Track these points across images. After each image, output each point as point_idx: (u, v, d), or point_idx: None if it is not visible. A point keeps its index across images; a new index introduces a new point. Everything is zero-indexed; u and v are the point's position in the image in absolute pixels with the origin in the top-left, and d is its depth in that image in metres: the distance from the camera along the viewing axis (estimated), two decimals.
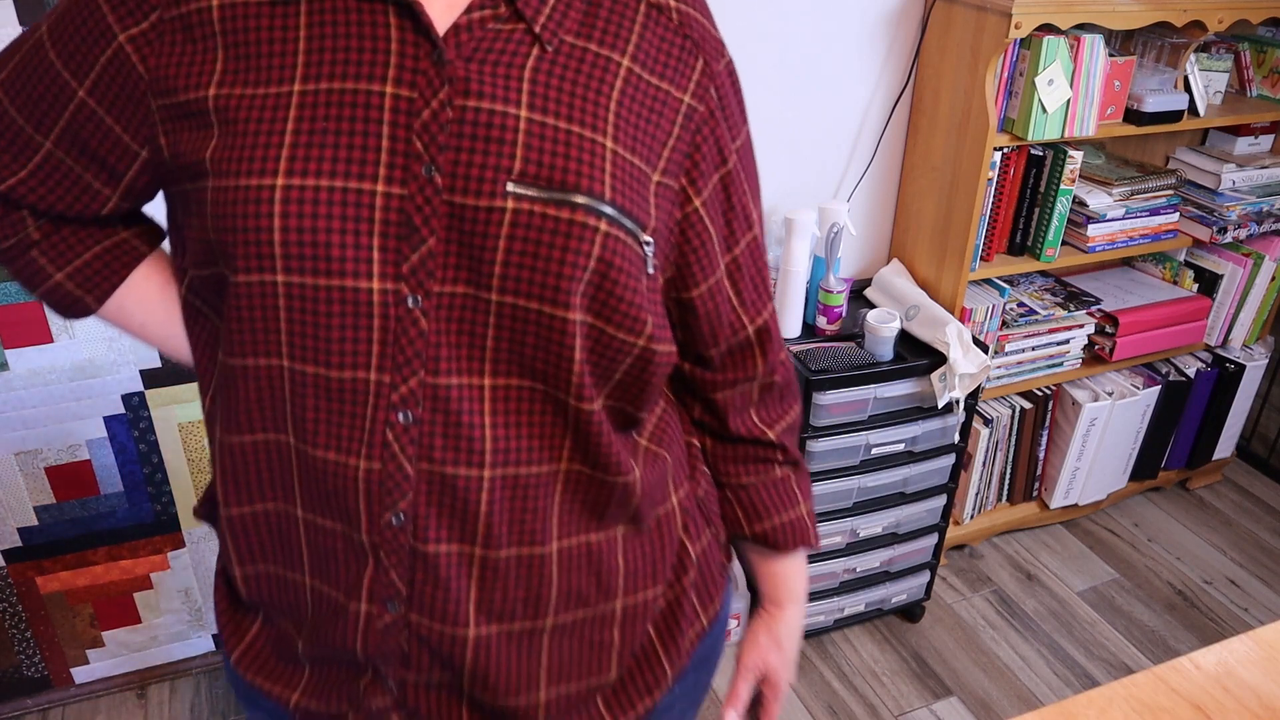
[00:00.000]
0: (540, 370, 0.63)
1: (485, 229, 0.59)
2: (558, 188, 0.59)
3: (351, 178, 0.58)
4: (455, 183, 0.58)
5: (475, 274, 0.60)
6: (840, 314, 1.85)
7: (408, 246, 0.59)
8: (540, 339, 0.61)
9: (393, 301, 0.60)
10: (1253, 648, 0.94)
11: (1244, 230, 2.14)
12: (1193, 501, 2.52)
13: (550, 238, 0.59)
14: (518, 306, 0.60)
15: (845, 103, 1.95)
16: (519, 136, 0.59)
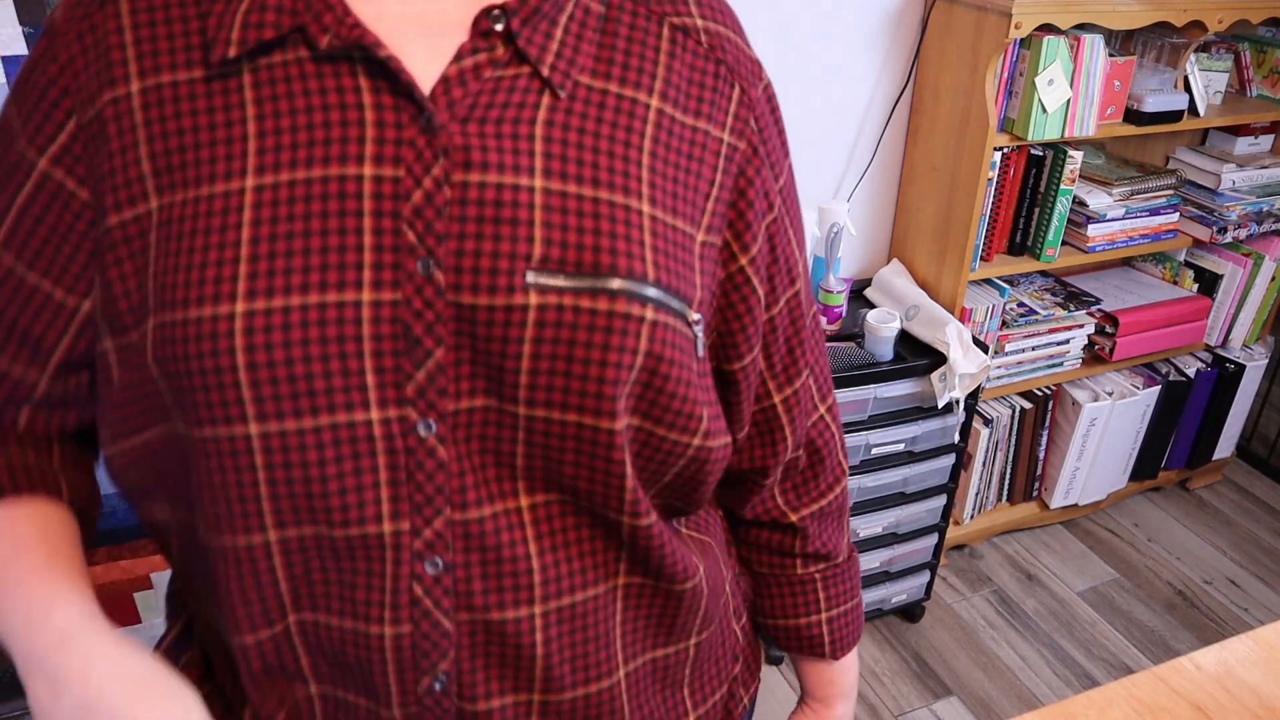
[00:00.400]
0: (584, 489, 0.53)
1: (505, 332, 0.48)
2: (589, 272, 0.49)
3: (330, 289, 0.46)
4: (461, 278, 0.48)
5: (497, 384, 0.49)
6: (840, 314, 1.85)
7: (409, 363, 0.48)
8: (582, 455, 0.52)
9: (399, 431, 0.49)
10: (1253, 648, 0.94)
11: (1244, 230, 2.14)
12: (1193, 501, 2.52)
13: (587, 335, 0.49)
14: (551, 420, 0.50)
15: (845, 103, 1.95)
16: (535, 214, 0.48)
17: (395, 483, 0.50)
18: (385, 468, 0.49)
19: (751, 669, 0.75)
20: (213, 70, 0.48)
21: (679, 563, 0.59)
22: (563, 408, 0.50)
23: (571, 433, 0.51)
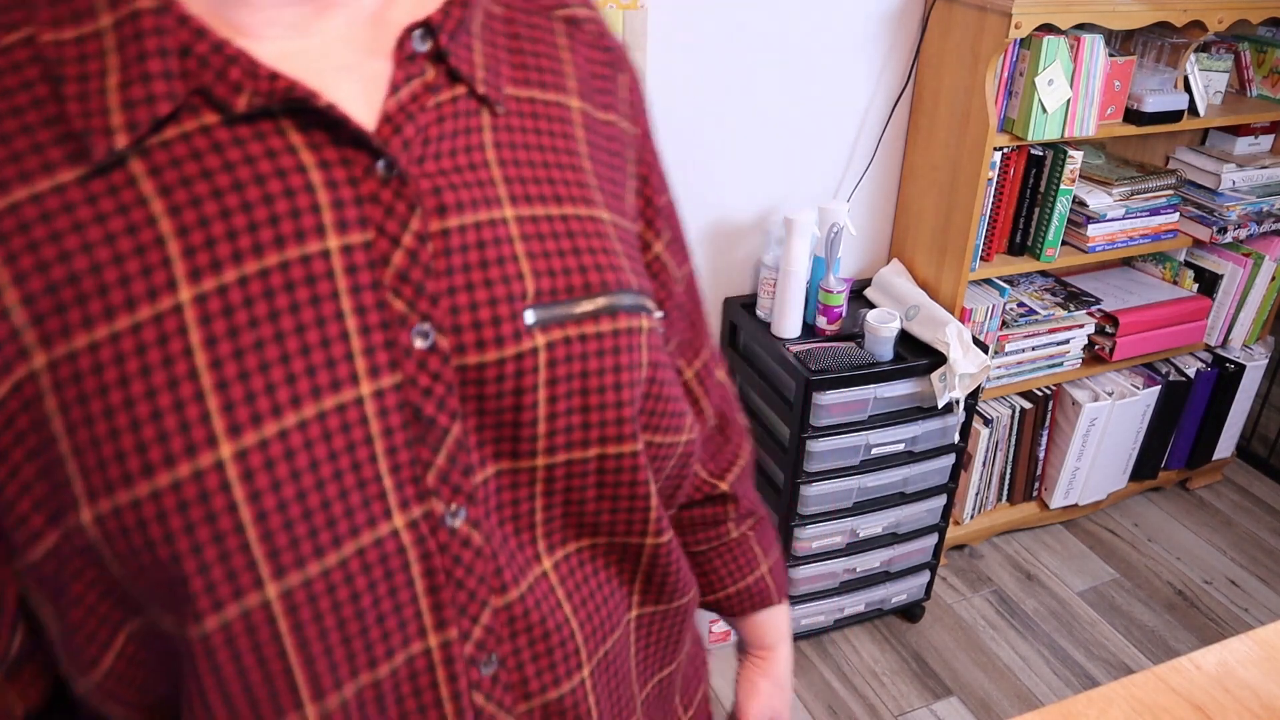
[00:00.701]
0: (607, 523, 0.51)
1: (518, 384, 0.44)
2: (582, 295, 0.46)
3: (324, 393, 0.39)
4: (463, 338, 0.43)
5: (511, 441, 0.45)
6: (840, 314, 1.85)
7: (426, 449, 0.43)
8: (605, 489, 0.49)
9: (428, 531, 0.43)
10: (1253, 648, 0.94)
11: (1244, 230, 2.14)
12: (1193, 501, 2.52)
13: (598, 362, 0.46)
14: (572, 463, 0.47)
15: (845, 103, 1.95)
16: (517, 246, 0.44)
17: (434, 589, 0.44)
18: (421, 576, 0.43)
19: (704, 650, 0.75)
20: (90, 169, 0.37)
21: (684, 576, 0.58)
22: (583, 445, 0.47)
23: (593, 468, 0.48)
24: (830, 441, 1.77)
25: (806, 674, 1.94)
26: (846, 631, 2.05)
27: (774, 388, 1.84)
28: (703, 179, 1.90)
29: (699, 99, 1.82)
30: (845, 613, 1.99)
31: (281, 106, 0.40)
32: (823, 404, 1.73)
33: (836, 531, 1.87)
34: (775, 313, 1.85)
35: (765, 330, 1.88)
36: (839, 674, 1.95)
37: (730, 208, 1.95)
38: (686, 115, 1.83)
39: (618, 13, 1.62)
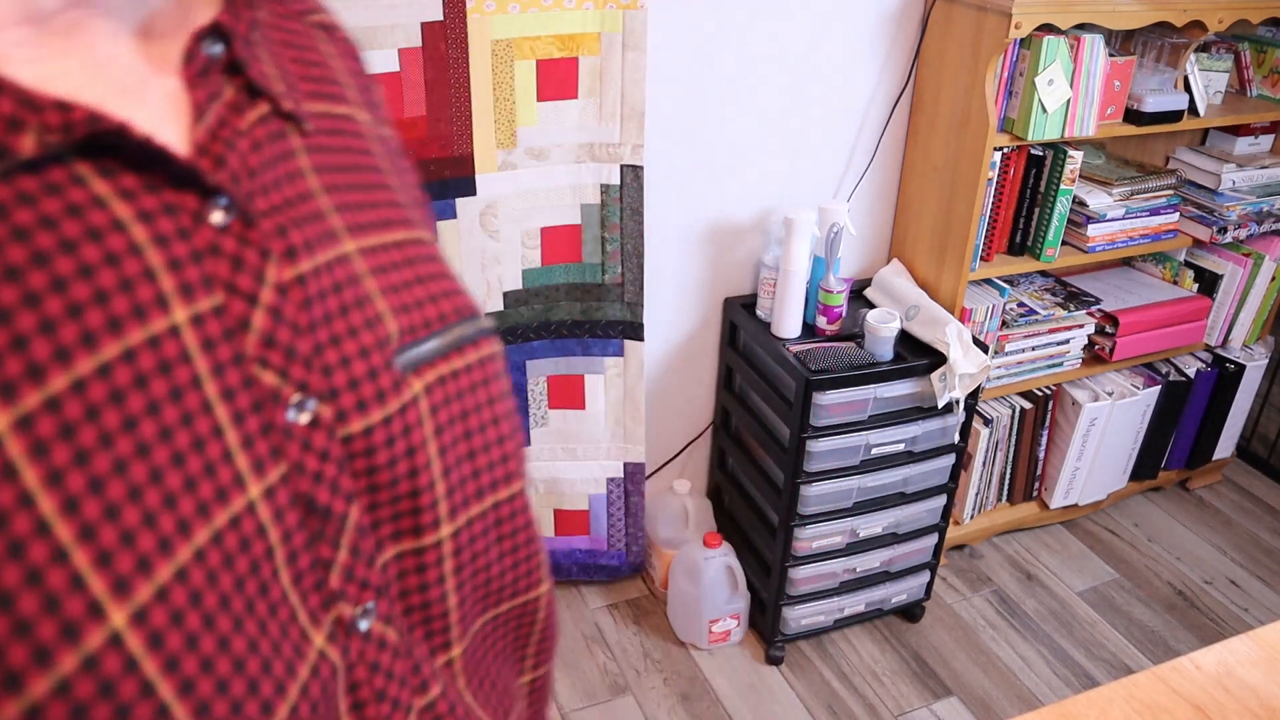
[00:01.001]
0: (510, 583, 0.46)
1: (408, 443, 0.38)
2: (440, 327, 0.41)
3: (213, 511, 0.32)
4: (343, 403, 0.36)
5: (413, 516, 0.39)
6: (840, 314, 1.85)
7: (326, 546, 0.36)
8: (504, 542, 0.44)
9: (343, 643, 0.37)
10: (1253, 648, 0.94)
11: (1244, 230, 2.14)
12: (1193, 501, 2.52)
13: (474, 399, 0.41)
14: (472, 522, 0.42)
15: (845, 103, 1.95)
16: (369, 284, 0.39)
17: (358, 706, 0.38)
18: (344, 694, 0.37)
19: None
20: None
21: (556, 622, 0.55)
22: (478, 497, 0.42)
23: (491, 521, 0.43)
24: (830, 441, 1.77)
25: (806, 674, 1.94)
26: (846, 631, 2.05)
27: (774, 388, 1.84)
28: (703, 179, 1.90)
29: (699, 99, 1.82)
30: (845, 613, 1.99)
31: (76, 147, 0.31)
32: (823, 404, 1.73)
33: (836, 531, 1.87)
34: (775, 313, 1.85)
35: (765, 330, 1.88)
36: (839, 674, 1.95)
37: (730, 208, 1.95)
38: (686, 115, 1.83)
39: (618, 13, 1.62)
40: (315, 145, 0.39)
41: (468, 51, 1.57)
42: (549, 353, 1.88)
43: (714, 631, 1.96)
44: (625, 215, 1.78)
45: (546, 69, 1.63)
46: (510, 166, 1.69)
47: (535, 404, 1.92)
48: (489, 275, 1.77)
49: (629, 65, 1.65)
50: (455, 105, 1.60)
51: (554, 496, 2.02)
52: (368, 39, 1.50)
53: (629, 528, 2.06)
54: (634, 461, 1.99)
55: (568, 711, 1.84)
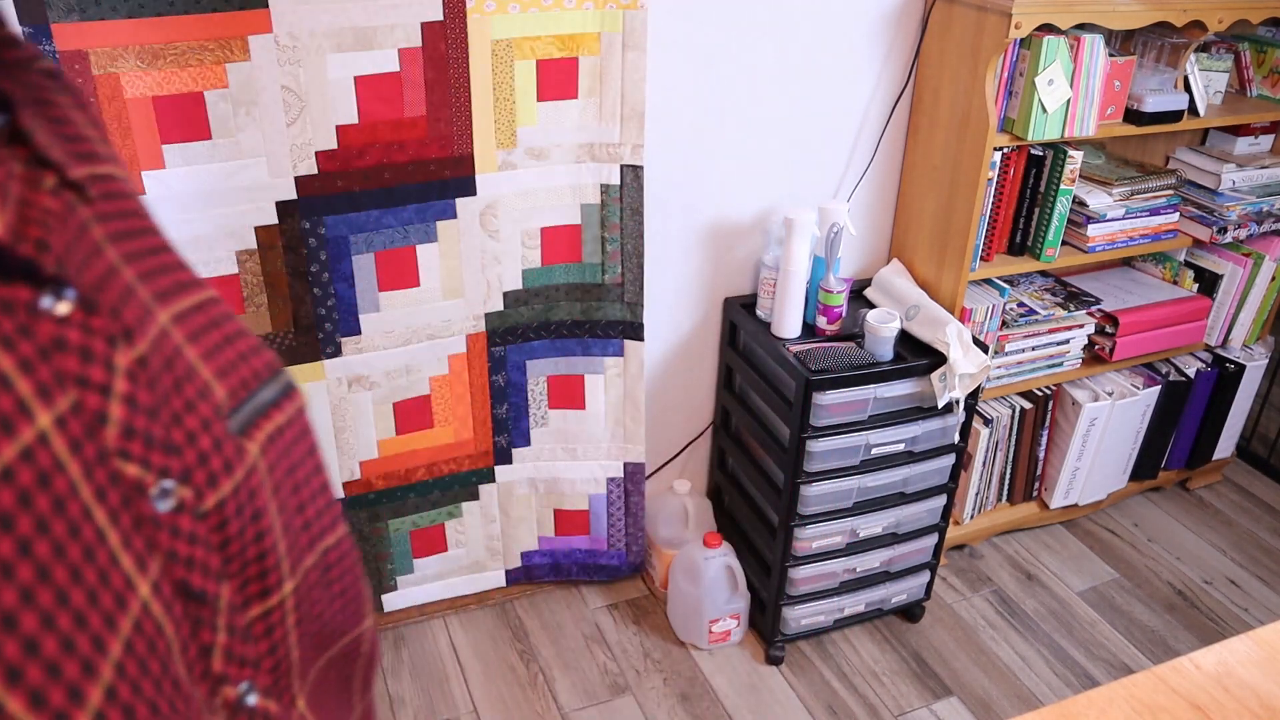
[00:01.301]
0: (338, 625, 0.45)
1: (254, 508, 0.38)
2: (255, 384, 0.40)
3: (118, 620, 0.31)
4: (197, 479, 0.36)
5: (260, 581, 0.39)
6: (840, 314, 1.85)
7: (206, 630, 0.36)
8: (333, 586, 0.44)
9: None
10: (1253, 648, 0.94)
11: (1244, 230, 2.14)
12: (1193, 501, 2.52)
13: (298, 452, 0.41)
14: (308, 572, 0.42)
15: (845, 103, 1.95)
16: (189, 352, 0.37)
17: None
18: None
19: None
20: None
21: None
22: (310, 548, 0.41)
23: (322, 569, 0.43)
24: (830, 441, 1.77)
25: (806, 674, 1.94)
26: (846, 631, 2.05)
27: (774, 388, 1.84)
28: (703, 179, 1.90)
29: (699, 99, 1.82)
30: (845, 613, 1.99)
31: None
32: (823, 404, 1.73)
33: (836, 531, 1.87)
34: (775, 313, 1.85)
35: (765, 330, 1.88)
36: (839, 674, 1.95)
37: (730, 208, 1.95)
38: (686, 115, 1.83)
39: (618, 13, 1.62)
40: (100, 214, 0.36)
41: (468, 51, 1.57)
42: (549, 353, 1.88)
43: (714, 631, 1.96)
44: (625, 215, 1.78)
45: (546, 69, 1.63)
46: (510, 166, 1.69)
47: (535, 404, 1.92)
48: (489, 275, 1.77)
49: (629, 65, 1.65)
50: (455, 105, 1.60)
51: (554, 496, 2.02)
52: (367, 39, 1.51)
53: (629, 528, 2.06)
54: (634, 461, 1.99)
55: (568, 711, 1.84)
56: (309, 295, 1.64)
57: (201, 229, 1.53)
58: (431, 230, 1.68)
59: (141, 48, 1.39)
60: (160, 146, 1.46)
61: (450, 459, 1.90)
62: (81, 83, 1.38)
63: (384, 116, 1.57)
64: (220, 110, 1.47)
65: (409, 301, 1.72)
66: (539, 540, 2.07)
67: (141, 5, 1.36)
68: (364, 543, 1.90)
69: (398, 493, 1.89)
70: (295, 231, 1.59)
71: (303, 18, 1.45)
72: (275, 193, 1.55)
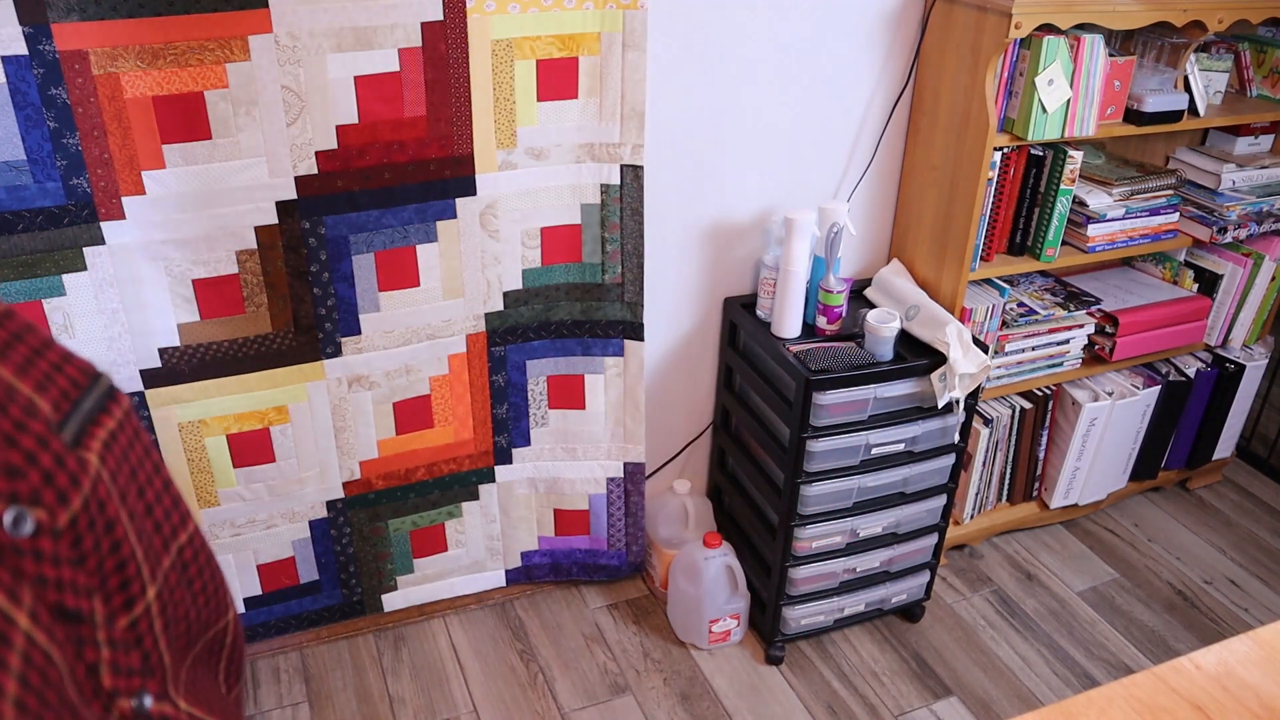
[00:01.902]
0: (202, 619, 0.46)
1: (105, 518, 0.39)
2: (76, 391, 0.40)
3: (6, 656, 0.32)
4: (46, 499, 0.37)
5: (123, 593, 0.39)
6: (840, 314, 1.85)
7: (90, 649, 0.37)
8: (193, 584, 0.44)
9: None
10: (1253, 648, 0.94)
11: (1244, 230, 2.14)
12: (1193, 501, 2.52)
13: (135, 455, 0.42)
14: (167, 574, 0.42)
15: (845, 103, 1.95)
16: (2, 371, 0.38)
17: None
18: None
19: None
20: None
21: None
22: (165, 548, 0.41)
23: (180, 567, 0.43)
24: (830, 441, 1.77)
25: (806, 674, 1.94)
26: (846, 631, 2.05)
27: (774, 388, 1.84)
28: (703, 179, 1.90)
29: (699, 99, 1.82)
30: (845, 613, 1.99)
31: None
32: (823, 404, 1.73)
33: (836, 531, 1.87)
34: (775, 313, 1.85)
35: (765, 330, 1.88)
36: (839, 674, 1.95)
37: (730, 208, 1.95)
38: (686, 115, 1.83)
39: (618, 13, 1.62)
40: None
41: (468, 51, 1.57)
42: (549, 353, 1.88)
43: (714, 631, 1.96)
44: (625, 215, 1.78)
45: (546, 69, 1.63)
46: (510, 166, 1.69)
47: (535, 404, 1.92)
48: (489, 275, 1.77)
49: (629, 65, 1.65)
50: (455, 105, 1.60)
51: (554, 496, 2.02)
52: (367, 39, 1.51)
53: (629, 528, 2.06)
54: (634, 461, 1.99)
55: (568, 711, 1.84)
56: (309, 295, 1.64)
57: (201, 229, 1.53)
58: (431, 230, 1.68)
59: (141, 48, 1.39)
60: (160, 146, 1.46)
61: (450, 459, 1.90)
62: (81, 82, 1.38)
63: (384, 116, 1.57)
64: (220, 110, 1.47)
65: (409, 301, 1.72)
66: (539, 540, 2.07)
67: (141, 5, 1.36)
68: (364, 543, 1.91)
69: (398, 493, 1.89)
70: (295, 231, 1.59)
71: (303, 18, 1.45)
72: (275, 193, 1.55)
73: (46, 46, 1.34)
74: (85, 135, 1.41)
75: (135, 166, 1.45)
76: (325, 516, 1.84)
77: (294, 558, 1.86)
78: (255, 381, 1.67)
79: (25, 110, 1.36)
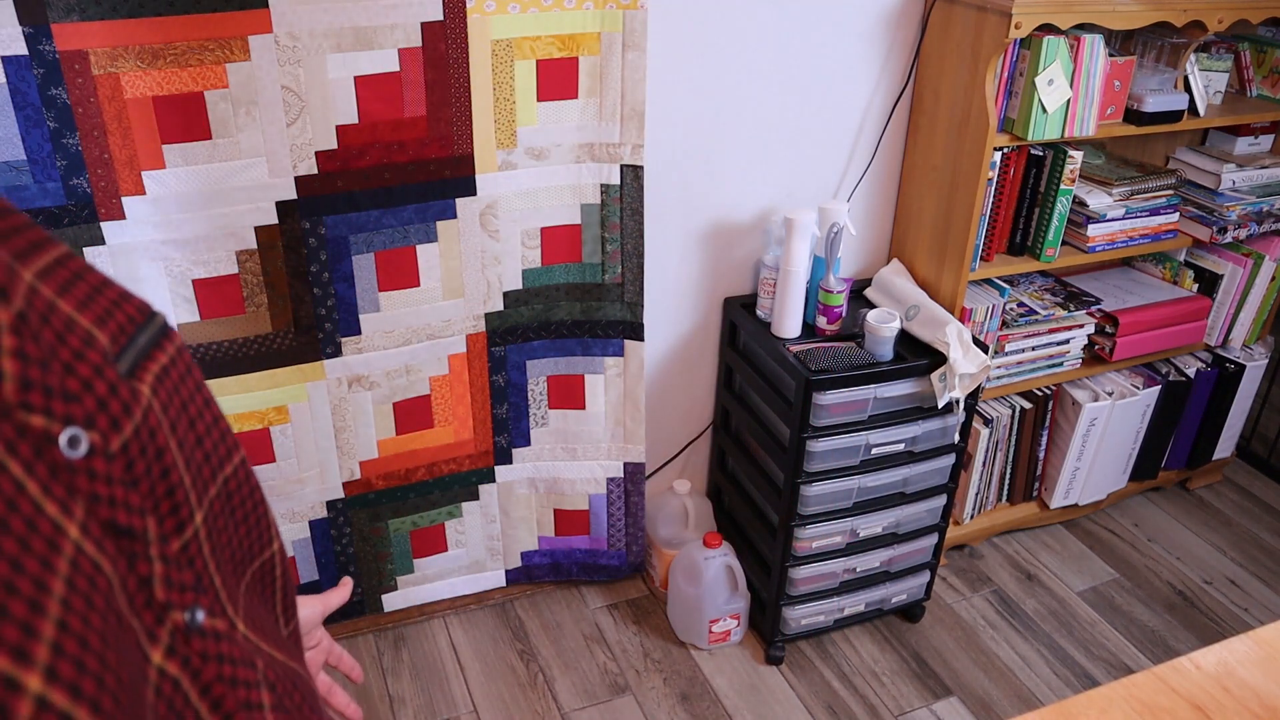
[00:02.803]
0: (248, 548, 0.48)
1: (155, 445, 0.40)
2: (132, 327, 0.43)
3: (53, 560, 0.34)
4: (100, 424, 0.39)
5: (174, 517, 0.41)
6: (840, 314, 1.85)
7: (142, 563, 0.39)
8: (238, 512, 0.47)
9: (183, 650, 0.40)
10: (1253, 648, 0.94)
11: (1244, 230, 2.14)
12: (1193, 501, 2.52)
13: (188, 387, 0.44)
14: (213, 501, 0.44)
15: (845, 103, 1.95)
16: (62, 304, 0.40)
17: (217, 702, 0.40)
18: (200, 699, 0.39)
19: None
20: None
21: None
22: (213, 478, 0.43)
23: (225, 496, 0.45)
24: (830, 441, 1.77)
25: (806, 674, 1.94)
26: (846, 631, 2.05)
27: (774, 388, 1.84)
28: (703, 179, 1.90)
29: (699, 99, 1.82)
30: (845, 613, 1.99)
31: None
32: (823, 404, 1.73)
33: (836, 531, 1.87)
34: (775, 313, 1.85)
35: (765, 330, 1.88)
36: (839, 674, 1.95)
37: (730, 208, 1.95)
38: (686, 115, 1.83)
39: (618, 13, 1.62)
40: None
41: (468, 51, 1.57)
42: (549, 353, 1.88)
43: (714, 631, 1.96)
44: (625, 215, 1.78)
45: (546, 69, 1.63)
46: (510, 166, 1.69)
47: (535, 404, 1.92)
48: (489, 275, 1.77)
49: (629, 65, 1.65)
50: (455, 105, 1.60)
51: (554, 496, 2.02)
52: (368, 39, 1.51)
53: (629, 528, 2.06)
54: (634, 461, 1.99)
55: (568, 711, 1.84)
56: (309, 295, 1.64)
57: (201, 229, 1.53)
58: (431, 230, 1.68)
59: (141, 48, 1.39)
60: (160, 146, 1.46)
61: (450, 459, 1.90)
62: (81, 83, 1.38)
63: (384, 116, 1.57)
64: (220, 110, 1.47)
65: (409, 301, 1.72)
66: (539, 540, 2.07)
67: (141, 5, 1.36)
68: (364, 543, 1.91)
69: (398, 493, 1.89)
70: (295, 231, 1.59)
71: (303, 18, 1.45)
72: (275, 193, 1.55)
73: (46, 46, 1.34)
74: (85, 135, 1.41)
75: (135, 167, 1.45)
76: (325, 516, 1.84)
77: (294, 558, 1.86)
78: (255, 381, 1.67)
79: (25, 110, 1.36)
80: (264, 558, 0.50)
